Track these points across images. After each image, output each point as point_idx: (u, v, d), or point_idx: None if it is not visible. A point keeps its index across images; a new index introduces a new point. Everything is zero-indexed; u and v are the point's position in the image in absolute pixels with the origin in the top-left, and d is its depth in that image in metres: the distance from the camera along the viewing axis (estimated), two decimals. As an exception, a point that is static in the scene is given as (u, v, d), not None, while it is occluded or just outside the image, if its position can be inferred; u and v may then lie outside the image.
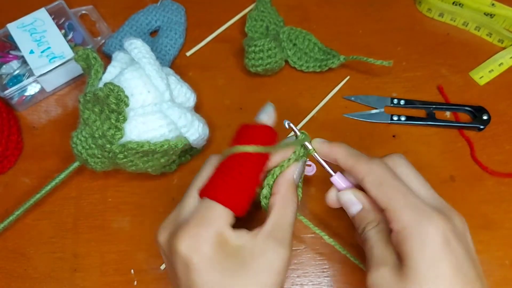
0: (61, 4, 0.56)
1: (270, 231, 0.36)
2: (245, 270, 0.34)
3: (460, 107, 0.54)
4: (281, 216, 0.37)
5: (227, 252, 0.34)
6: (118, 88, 0.42)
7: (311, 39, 0.56)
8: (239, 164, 0.37)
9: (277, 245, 0.35)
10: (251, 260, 0.34)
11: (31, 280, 0.46)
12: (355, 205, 0.39)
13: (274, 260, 0.35)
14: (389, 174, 0.37)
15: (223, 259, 0.34)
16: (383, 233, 0.37)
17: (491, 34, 0.58)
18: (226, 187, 0.36)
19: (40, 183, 0.49)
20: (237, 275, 0.34)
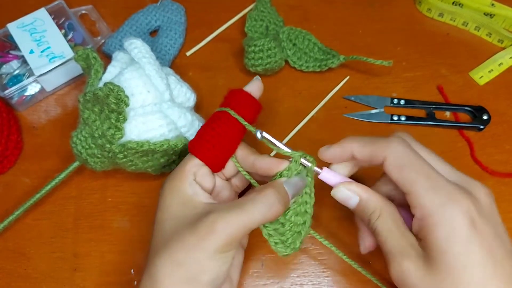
0: (61, 4, 0.56)
1: (219, 207, 0.37)
2: (185, 219, 0.37)
3: (460, 107, 0.54)
4: (242, 208, 0.36)
5: (183, 198, 0.38)
6: (118, 88, 0.42)
7: (311, 39, 0.56)
8: (217, 122, 0.41)
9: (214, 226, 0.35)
10: (196, 219, 0.36)
11: (31, 280, 0.46)
12: (351, 199, 0.39)
13: (207, 237, 0.35)
14: (410, 153, 0.35)
15: (178, 200, 0.38)
16: (391, 222, 0.36)
17: (491, 34, 0.58)
18: (198, 139, 0.41)
19: (40, 183, 0.49)
20: (180, 216, 0.37)
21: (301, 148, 0.52)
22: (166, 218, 0.38)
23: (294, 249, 0.39)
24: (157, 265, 0.35)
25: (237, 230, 0.35)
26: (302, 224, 0.39)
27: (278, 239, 0.38)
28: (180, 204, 0.38)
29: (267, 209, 0.36)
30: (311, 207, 0.40)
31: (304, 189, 0.40)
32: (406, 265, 0.34)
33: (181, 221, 0.37)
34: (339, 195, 0.39)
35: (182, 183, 0.39)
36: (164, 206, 0.39)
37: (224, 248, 0.35)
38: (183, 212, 0.38)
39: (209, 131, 0.41)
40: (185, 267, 0.35)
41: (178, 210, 0.38)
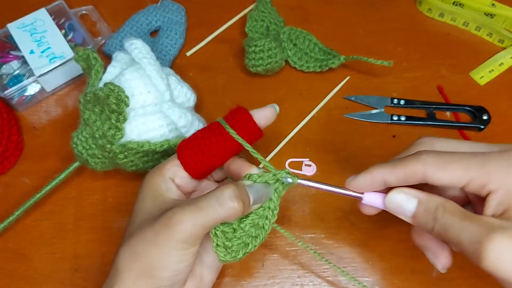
0: (61, 4, 0.56)
1: (185, 203, 0.36)
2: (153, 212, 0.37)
3: (460, 107, 0.54)
4: (199, 204, 0.35)
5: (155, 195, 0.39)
6: (119, 88, 0.42)
7: (311, 39, 0.56)
8: (210, 132, 0.40)
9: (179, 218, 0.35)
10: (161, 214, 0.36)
11: (31, 280, 0.46)
12: (409, 204, 0.35)
13: (175, 230, 0.34)
14: (443, 154, 0.34)
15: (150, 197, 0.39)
16: (460, 210, 0.33)
17: (492, 34, 0.58)
18: (187, 143, 0.40)
19: (40, 183, 0.49)
20: (149, 212, 0.38)
21: (301, 148, 0.52)
22: (138, 211, 0.39)
23: (234, 258, 0.37)
24: (119, 256, 0.36)
25: (192, 227, 0.34)
26: (254, 238, 0.38)
27: (222, 242, 0.37)
28: (152, 198, 0.39)
29: (220, 205, 0.35)
30: (269, 224, 0.38)
31: (269, 203, 0.38)
32: (499, 239, 0.30)
33: (148, 215, 0.37)
34: (395, 202, 0.35)
35: (158, 178, 0.40)
36: (139, 198, 0.40)
37: (180, 245, 0.34)
38: (153, 206, 0.38)
39: (198, 138, 0.40)
40: (143, 260, 0.35)
41: (149, 204, 0.39)
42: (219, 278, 0.46)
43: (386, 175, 0.35)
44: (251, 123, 0.40)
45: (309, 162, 0.45)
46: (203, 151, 0.39)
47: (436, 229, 0.33)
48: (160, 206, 0.38)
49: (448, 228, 0.33)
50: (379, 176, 0.36)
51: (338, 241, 0.47)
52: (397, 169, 0.35)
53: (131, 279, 0.35)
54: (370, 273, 0.46)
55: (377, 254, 0.46)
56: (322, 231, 0.48)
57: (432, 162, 0.34)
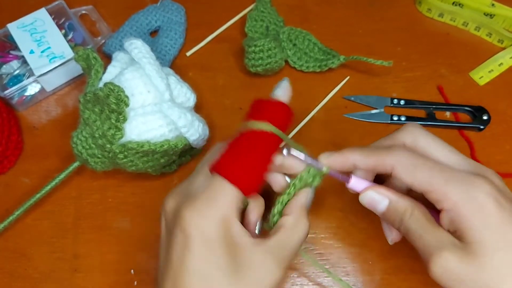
0: (61, 4, 0.56)
1: (273, 248, 0.35)
2: (237, 276, 0.33)
3: (460, 107, 0.54)
4: (288, 237, 0.36)
5: (227, 244, 0.33)
6: (118, 88, 0.42)
7: (311, 39, 0.56)
8: (251, 141, 0.36)
9: (274, 264, 0.34)
10: (246, 268, 0.33)
11: (31, 280, 0.46)
12: (381, 203, 0.37)
13: (267, 278, 0.33)
14: (417, 157, 0.35)
15: (221, 251, 0.33)
16: (424, 218, 0.35)
17: (491, 34, 0.58)
18: (237, 165, 0.35)
19: (40, 183, 0.49)
20: (228, 278, 0.33)
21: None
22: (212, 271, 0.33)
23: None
24: None
25: (286, 265, 0.35)
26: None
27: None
28: (228, 254, 0.33)
29: (305, 236, 0.37)
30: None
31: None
32: (446, 256, 0.33)
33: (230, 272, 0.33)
34: (367, 199, 0.38)
35: (230, 227, 0.34)
36: (203, 254, 0.33)
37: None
38: (231, 261, 0.33)
39: (247, 153, 0.35)
40: None
41: (226, 262, 0.33)
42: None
43: (358, 160, 0.37)
44: (285, 109, 0.38)
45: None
46: (255, 163, 0.35)
47: (401, 230, 0.36)
48: (226, 248, 0.33)
49: (409, 232, 0.35)
50: (351, 159, 0.37)
51: (338, 241, 0.47)
52: (369, 158, 0.37)
53: None
54: (370, 273, 0.46)
55: (377, 254, 0.46)
56: (322, 231, 0.48)
57: (403, 162, 0.35)
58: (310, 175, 0.38)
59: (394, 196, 0.37)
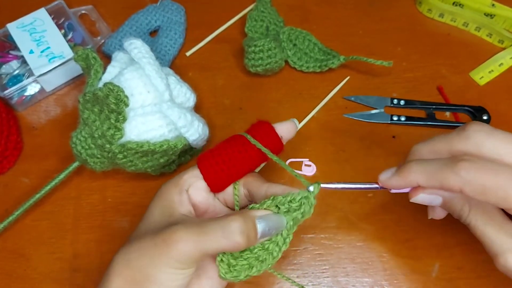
0: (60, 4, 0.56)
1: (192, 223, 0.35)
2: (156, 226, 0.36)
3: (460, 108, 0.54)
4: (202, 229, 0.34)
5: (164, 204, 0.38)
6: (118, 88, 0.42)
7: (311, 39, 0.56)
8: (232, 143, 0.40)
9: (184, 231, 0.34)
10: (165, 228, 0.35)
11: (30, 280, 0.46)
12: (434, 200, 0.37)
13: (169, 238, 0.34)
14: (486, 171, 0.32)
15: (159, 207, 0.38)
16: (487, 214, 0.34)
17: (491, 35, 0.58)
18: (209, 156, 0.40)
19: (40, 183, 0.49)
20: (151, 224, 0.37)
21: (301, 148, 0.52)
22: (145, 219, 0.38)
23: (235, 278, 0.35)
24: (113, 261, 0.36)
25: (191, 250, 0.33)
26: (260, 261, 0.36)
27: (226, 259, 0.35)
28: (162, 208, 0.38)
29: (224, 237, 0.33)
30: (279, 252, 0.36)
31: (282, 231, 0.36)
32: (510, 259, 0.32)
33: (153, 225, 0.37)
34: (419, 200, 0.37)
35: (174, 189, 0.39)
36: (149, 207, 0.39)
37: (174, 263, 0.33)
38: (160, 218, 0.37)
39: (221, 149, 0.40)
40: (135, 270, 0.34)
41: (157, 214, 0.38)
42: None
43: (421, 181, 0.35)
44: (274, 136, 0.40)
45: (309, 162, 0.45)
46: (224, 160, 0.39)
47: (463, 222, 0.36)
48: (167, 218, 0.37)
49: (472, 227, 0.35)
50: (413, 181, 0.35)
51: (338, 241, 0.47)
52: (433, 180, 0.34)
53: (120, 286, 0.34)
54: (370, 273, 0.46)
55: (377, 254, 0.46)
56: (322, 231, 0.48)
57: (471, 183, 0.32)
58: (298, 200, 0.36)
59: (446, 193, 0.36)
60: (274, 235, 0.36)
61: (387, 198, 0.49)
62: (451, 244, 0.47)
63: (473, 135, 0.35)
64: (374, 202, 0.49)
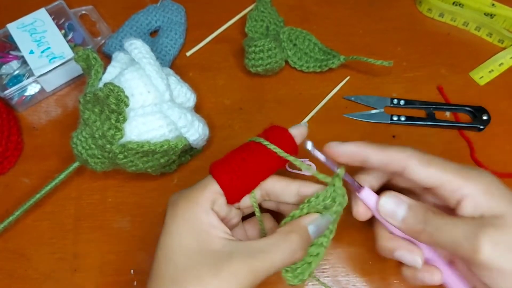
0: (61, 4, 0.56)
1: (240, 248, 0.35)
2: (193, 251, 0.35)
3: (460, 107, 0.54)
4: (260, 251, 0.34)
5: (193, 227, 0.35)
6: (118, 89, 0.42)
7: (311, 39, 0.56)
8: (248, 152, 0.38)
9: (234, 261, 0.33)
10: (206, 249, 0.34)
11: (31, 280, 0.46)
12: (400, 208, 0.37)
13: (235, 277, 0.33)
14: (426, 154, 0.37)
15: (186, 230, 0.36)
16: (446, 213, 0.36)
17: (491, 34, 0.58)
18: (225, 165, 0.38)
19: (40, 183, 0.49)
20: (184, 251, 0.35)
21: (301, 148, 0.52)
22: (175, 246, 0.35)
23: (302, 280, 0.37)
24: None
25: (259, 276, 0.34)
26: (315, 256, 0.38)
27: (289, 267, 0.37)
28: (194, 234, 0.35)
29: (290, 256, 0.35)
30: (328, 241, 0.38)
31: (336, 219, 0.38)
32: (491, 232, 0.33)
33: (197, 257, 0.34)
34: (388, 206, 0.37)
35: (197, 209, 0.36)
36: (174, 231, 0.36)
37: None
38: (198, 245, 0.35)
39: (239, 160, 0.38)
40: None
41: (191, 241, 0.35)
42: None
43: (370, 152, 0.37)
44: (290, 140, 0.40)
45: (309, 162, 0.45)
46: (244, 173, 0.38)
47: (427, 231, 0.35)
48: (209, 246, 0.35)
49: (441, 228, 0.35)
50: (363, 150, 0.37)
51: (338, 241, 0.47)
52: (383, 152, 0.37)
53: None
54: (370, 273, 0.46)
55: (377, 254, 0.46)
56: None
57: (416, 157, 0.36)
58: (329, 196, 0.37)
59: (411, 200, 0.37)
60: None
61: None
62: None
63: (405, 148, 0.38)
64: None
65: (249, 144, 0.40)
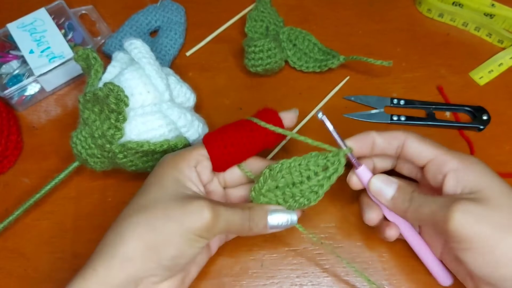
0: (61, 4, 0.56)
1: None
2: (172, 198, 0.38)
3: (460, 107, 0.54)
4: (227, 208, 0.38)
5: (176, 179, 0.39)
6: (118, 88, 0.42)
7: (311, 39, 0.56)
8: (239, 127, 0.42)
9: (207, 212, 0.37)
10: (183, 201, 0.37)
11: (31, 280, 0.46)
12: (391, 186, 0.41)
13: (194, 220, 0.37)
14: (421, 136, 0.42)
15: (170, 181, 0.39)
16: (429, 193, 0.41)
17: (491, 35, 0.58)
18: (216, 134, 0.42)
19: (40, 183, 0.49)
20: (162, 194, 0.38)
21: (301, 148, 0.52)
22: (155, 184, 0.39)
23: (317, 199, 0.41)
24: (130, 223, 0.37)
25: (219, 223, 0.37)
26: (286, 203, 0.41)
27: (259, 189, 0.41)
28: (173, 179, 0.39)
29: (242, 218, 0.39)
30: (311, 200, 0.41)
31: (325, 185, 0.41)
32: (464, 203, 0.36)
33: (169, 194, 0.38)
34: (378, 183, 0.41)
35: (182, 162, 0.40)
36: (158, 173, 0.40)
37: (201, 232, 0.36)
38: (174, 187, 0.39)
39: (230, 132, 0.42)
40: (156, 234, 0.36)
41: (169, 183, 0.39)
42: (218, 278, 0.46)
43: (376, 135, 0.42)
44: (279, 123, 0.43)
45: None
46: (232, 144, 0.41)
47: (411, 208, 0.39)
48: (182, 191, 0.39)
49: (422, 204, 0.38)
50: (371, 134, 0.42)
51: (338, 241, 0.47)
52: (386, 134, 0.42)
53: (139, 249, 0.36)
54: (370, 272, 0.46)
55: (377, 254, 0.46)
56: (322, 231, 0.48)
57: (414, 135, 0.41)
58: (326, 160, 0.41)
59: (400, 180, 0.41)
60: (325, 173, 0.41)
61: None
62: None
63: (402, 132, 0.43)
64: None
65: (242, 120, 0.43)
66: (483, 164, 0.39)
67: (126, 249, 0.36)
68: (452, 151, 0.40)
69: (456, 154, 0.40)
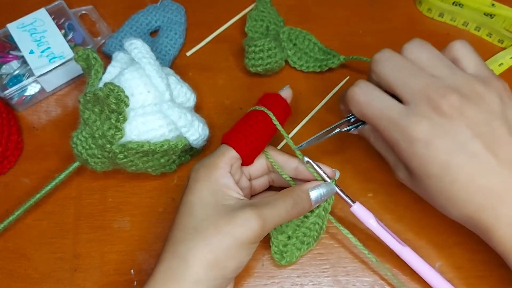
0: (61, 4, 0.56)
1: (257, 205, 0.39)
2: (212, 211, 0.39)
3: (460, 107, 0.54)
4: (271, 205, 0.40)
5: (213, 189, 0.40)
6: (118, 88, 0.42)
7: (311, 39, 0.56)
8: (254, 119, 0.44)
9: (254, 218, 0.38)
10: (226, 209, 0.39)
11: (31, 280, 0.46)
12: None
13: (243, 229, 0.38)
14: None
15: (207, 191, 0.40)
16: (382, 141, 0.44)
17: (491, 35, 0.58)
18: (236, 133, 0.43)
19: (40, 183, 0.49)
20: (206, 209, 0.39)
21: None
22: (196, 202, 0.40)
23: (289, 262, 0.44)
24: (189, 247, 0.37)
25: (267, 223, 0.39)
26: (305, 244, 0.44)
27: (278, 250, 0.44)
28: (212, 192, 0.40)
29: (292, 207, 0.41)
30: (318, 236, 0.45)
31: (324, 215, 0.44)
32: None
33: (214, 210, 0.39)
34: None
35: (218, 172, 0.41)
36: (195, 190, 0.40)
37: (253, 239, 0.38)
38: (215, 201, 0.39)
39: (247, 127, 0.43)
40: (217, 252, 0.37)
41: (210, 198, 0.39)
42: (219, 278, 0.46)
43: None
44: (284, 102, 0.46)
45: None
46: (251, 133, 0.43)
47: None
48: (224, 201, 0.39)
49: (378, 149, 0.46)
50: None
51: (338, 241, 0.47)
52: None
53: (203, 270, 0.37)
54: (370, 273, 0.46)
55: (377, 254, 0.46)
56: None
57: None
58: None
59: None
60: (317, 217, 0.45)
61: (387, 198, 0.49)
62: (450, 244, 0.47)
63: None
64: (373, 202, 0.49)
65: (252, 112, 0.45)
66: None
67: (192, 272, 0.37)
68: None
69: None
